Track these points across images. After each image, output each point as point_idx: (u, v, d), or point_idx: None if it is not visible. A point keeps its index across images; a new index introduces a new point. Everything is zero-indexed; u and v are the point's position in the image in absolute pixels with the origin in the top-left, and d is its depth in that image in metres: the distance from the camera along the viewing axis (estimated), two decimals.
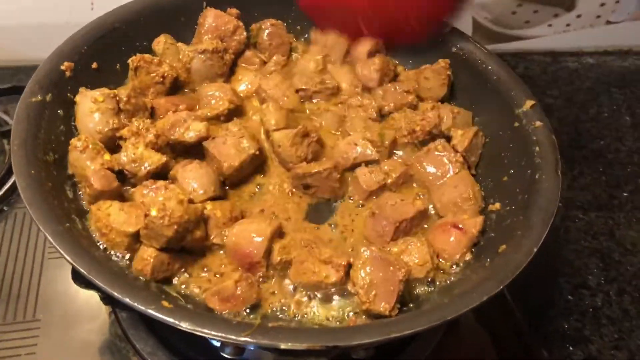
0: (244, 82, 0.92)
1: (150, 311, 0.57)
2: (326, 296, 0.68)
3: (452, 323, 0.71)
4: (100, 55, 0.85)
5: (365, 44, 0.91)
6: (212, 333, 0.56)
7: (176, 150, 0.78)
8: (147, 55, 0.84)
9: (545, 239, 0.67)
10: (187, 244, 0.68)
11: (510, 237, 0.70)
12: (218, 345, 0.76)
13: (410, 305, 0.68)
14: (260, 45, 0.95)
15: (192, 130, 0.76)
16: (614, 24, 1.34)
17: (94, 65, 0.84)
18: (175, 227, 0.64)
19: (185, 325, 0.56)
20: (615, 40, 1.36)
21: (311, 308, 0.67)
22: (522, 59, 1.34)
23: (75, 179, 0.74)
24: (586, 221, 1.05)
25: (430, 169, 0.80)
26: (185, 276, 0.69)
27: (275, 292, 0.69)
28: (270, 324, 0.62)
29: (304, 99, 0.89)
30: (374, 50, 0.92)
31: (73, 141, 0.73)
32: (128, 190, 0.74)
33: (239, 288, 0.66)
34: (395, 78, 0.93)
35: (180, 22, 0.93)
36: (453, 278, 0.70)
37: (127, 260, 0.68)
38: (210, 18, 0.91)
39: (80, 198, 0.73)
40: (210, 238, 0.70)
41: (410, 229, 0.74)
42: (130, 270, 0.67)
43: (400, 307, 0.65)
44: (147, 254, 0.66)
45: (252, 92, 0.91)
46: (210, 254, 0.71)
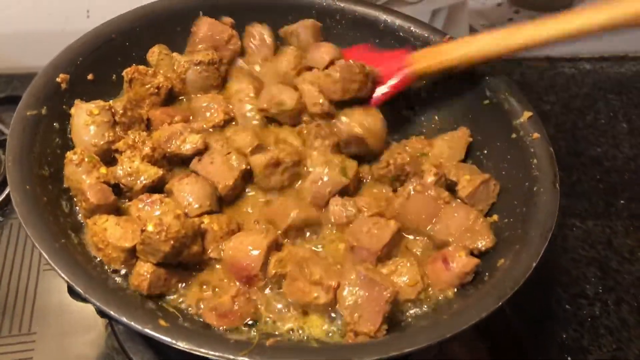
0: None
1: (147, 330, 0.56)
2: (323, 312, 0.67)
3: None
4: (96, 67, 0.84)
5: (322, 50, 0.86)
6: (210, 353, 0.56)
7: (172, 162, 0.77)
8: (141, 67, 0.83)
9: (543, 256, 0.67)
10: (184, 259, 0.68)
11: (508, 250, 0.69)
12: None
13: (402, 324, 0.67)
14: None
15: (189, 142, 0.76)
16: None
17: (90, 77, 0.83)
18: (172, 242, 0.64)
19: (182, 345, 0.56)
20: (611, 46, 1.37)
21: (310, 321, 0.67)
22: (518, 65, 1.34)
23: (70, 193, 0.73)
24: (583, 229, 1.05)
25: (418, 213, 0.75)
26: (182, 291, 0.68)
27: (273, 306, 0.68)
28: (268, 341, 0.62)
29: (267, 120, 0.85)
30: (335, 58, 0.86)
31: (69, 154, 0.72)
32: (124, 203, 0.73)
33: (236, 303, 0.65)
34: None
35: (177, 31, 0.92)
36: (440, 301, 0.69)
37: (122, 276, 0.68)
38: (204, 27, 0.90)
39: (76, 212, 0.72)
40: (207, 252, 0.70)
41: (391, 250, 0.73)
42: (127, 287, 0.67)
43: (390, 327, 0.64)
44: (144, 270, 0.65)
45: None
46: (208, 268, 0.70)
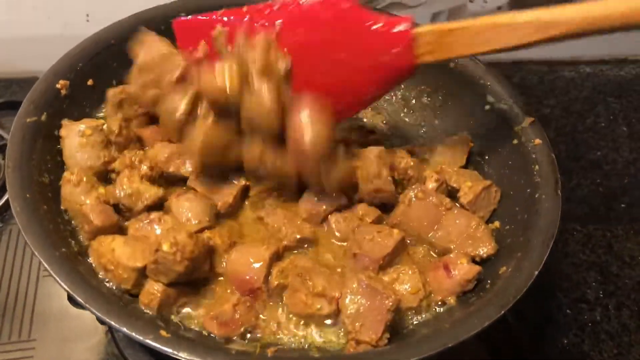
0: None
1: (148, 341, 0.56)
2: (323, 322, 0.67)
3: None
4: (95, 72, 0.84)
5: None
6: None
7: (170, 180, 0.77)
8: (127, 87, 0.81)
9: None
10: (194, 277, 0.67)
11: (510, 258, 0.69)
12: None
13: (404, 332, 0.67)
14: None
15: (189, 163, 0.76)
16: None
17: (90, 82, 0.83)
18: (187, 262, 0.63)
19: (184, 356, 0.56)
20: (611, 49, 1.37)
21: (311, 331, 0.67)
22: (518, 69, 1.34)
23: (68, 215, 0.72)
24: (584, 234, 1.04)
25: (420, 220, 0.74)
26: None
27: (274, 315, 0.68)
28: (269, 350, 0.61)
29: None
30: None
31: (66, 175, 0.72)
32: (122, 222, 0.73)
33: (237, 312, 0.65)
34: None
35: None
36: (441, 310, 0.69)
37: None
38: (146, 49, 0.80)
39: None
40: (215, 269, 0.69)
41: (394, 259, 0.72)
42: (130, 299, 0.66)
43: (392, 336, 0.64)
44: (155, 288, 0.65)
45: None
46: (213, 282, 0.70)
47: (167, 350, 0.56)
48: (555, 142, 1.19)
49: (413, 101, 0.95)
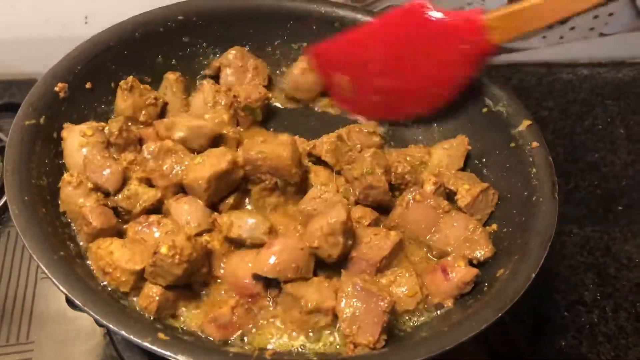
0: None
1: (146, 344, 0.56)
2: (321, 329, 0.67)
3: None
4: (94, 75, 0.84)
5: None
6: None
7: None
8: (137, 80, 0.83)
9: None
10: (192, 280, 0.67)
11: (507, 260, 0.69)
12: None
13: (402, 334, 0.67)
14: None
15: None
16: (607, 36, 1.34)
17: (88, 85, 0.83)
18: (186, 265, 0.63)
19: (181, 358, 0.56)
20: (608, 52, 1.37)
21: (309, 335, 0.67)
22: (516, 71, 1.34)
23: (67, 218, 0.72)
24: (582, 236, 1.05)
25: (418, 222, 0.74)
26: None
27: (271, 320, 0.68)
28: (267, 352, 0.61)
29: None
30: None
31: (65, 177, 0.72)
32: (120, 225, 0.73)
33: (235, 314, 0.65)
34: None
35: (174, 40, 0.92)
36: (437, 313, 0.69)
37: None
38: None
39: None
40: (213, 272, 0.69)
41: (391, 261, 0.73)
42: (129, 302, 0.66)
43: (390, 338, 0.64)
44: (153, 292, 0.65)
45: None
46: (211, 284, 0.70)
47: (165, 353, 0.56)
48: (553, 144, 1.20)
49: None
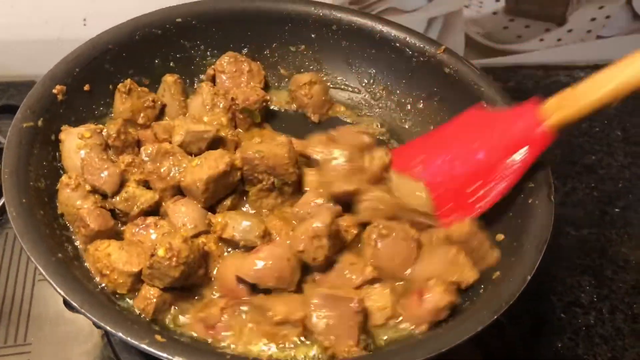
0: None
1: (143, 346, 0.56)
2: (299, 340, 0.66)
3: None
4: (93, 77, 0.84)
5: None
6: None
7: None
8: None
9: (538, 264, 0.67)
10: (189, 282, 0.67)
11: (503, 263, 0.70)
12: None
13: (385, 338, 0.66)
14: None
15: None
16: (604, 38, 1.35)
17: (87, 88, 0.83)
18: (183, 267, 0.63)
19: None
20: (605, 54, 1.37)
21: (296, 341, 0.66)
22: (514, 73, 1.35)
23: (65, 219, 0.72)
24: (578, 238, 1.05)
25: (392, 259, 0.70)
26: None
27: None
28: (264, 357, 0.62)
29: None
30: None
31: (64, 178, 0.72)
32: (118, 227, 0.73)
33: (224, 316, 0.65)
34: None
35: (173, 42, 0.92)
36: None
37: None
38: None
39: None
40: (209, 273, 0.70)
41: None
42: (127, 304, 0.67)
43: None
44: (150, 294, 0.65)
45: None
46: (208, 286, 0.70)
47: (162, 355, 0.56)
48: (550, 146, 1.20)
49: (409, 107, 0.96)
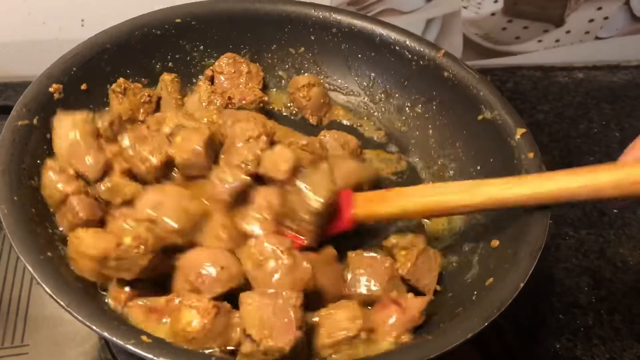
0: None
1: (128, 346, 0.56)
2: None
3: None
4: (90, 76, 0.84)
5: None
6: None
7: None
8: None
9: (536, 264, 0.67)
10: (157, 272, 0.66)
11: (497, 269, 0.69)
12: None
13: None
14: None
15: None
16: (602, 39, 1.35)
17: (84, 87, 0.83)
18: (151, 255, 0.62)
19: None
20: (604, 55, 1.38)
21: None
22: (512, 74, 1.35)
23: (48, 203, 0.71)
24: (576, 239, 1.04)
25: (327, 281, 0.68)
26: None
27: None
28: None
29: None
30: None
31: (48, 161, 0.71)
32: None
33: (170, 306, 0.64)
34: None
35: (172, 43, 0.92)
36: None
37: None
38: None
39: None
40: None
41: None
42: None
43: None
44: (120, 286, 0.65)
45: None
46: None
47: (148, 355, 0.55)
48: (548, 147, 1.21)
49: (407, 110, 0.95)
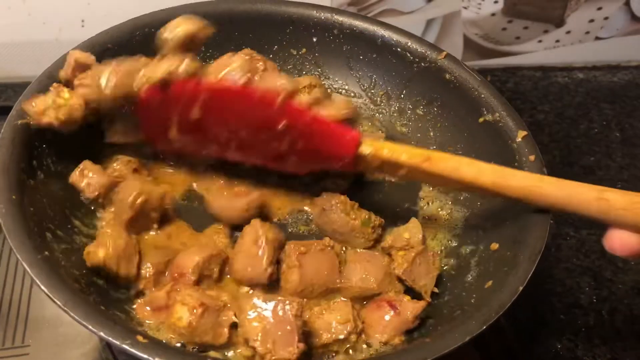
0: None
1: (124, 346, 0.55)
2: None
3: None
4: None
5: None
6: None
7: None
8: None
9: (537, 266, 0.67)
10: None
11: (497, 272, 0.69)
12: None
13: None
14: None
15: None
16: (602, 39, 1.35)
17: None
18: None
19: None
20: (604, 55, 1.37)
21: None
22: (512, 75, 1.35)
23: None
24: (577, 239, 1.04)
25: (320, 272, 0.69)
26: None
27: None
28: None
29: None
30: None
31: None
32: None
33: (171, 299, 0.65)
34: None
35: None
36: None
37: (104, 290, 0.68)
38: None
39: (65, 222, 0.72)
40: None
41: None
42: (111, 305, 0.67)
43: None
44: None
45: None
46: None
47: (143, 355, 0.55)
48: (549, 147, 1.20)
49: (409, 112, 0.95)
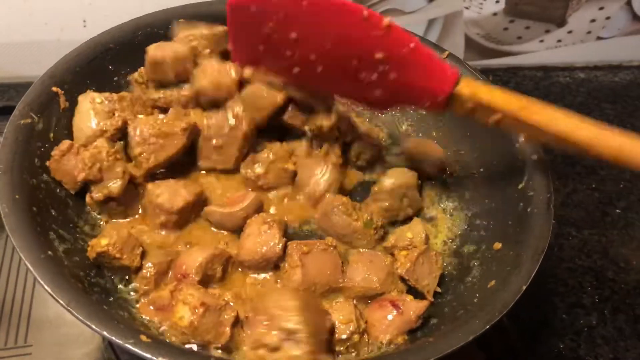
0: None
1: (127, 345, 0.56)
2: None
3: None
4: (92, 76, 0.84)
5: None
6: None
7: None
8: None
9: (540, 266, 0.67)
10: None
11: (500, 271, 0.69)
12: None
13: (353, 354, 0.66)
14: None
15: None
16: (604, 39, 1.35)
17: (86, 86, 0.83)
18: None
19: None
20: (605, 55, 1.37)
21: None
22: (514, 75, 1.35)
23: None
24: (580, 239, 1.04)
25: (323, 271, 0.70)
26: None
27: None
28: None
29: None
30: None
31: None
32: None
33: (174, 298, 0.65)
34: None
35: None
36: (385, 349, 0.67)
37: (107, 291, 0.68)
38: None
39: (67, 222, 0.73)
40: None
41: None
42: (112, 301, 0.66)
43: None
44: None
45: None
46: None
47: (146, 355, 0.55)
48: (551, 147, 1.20)
49: (411, 112, 0.95)
